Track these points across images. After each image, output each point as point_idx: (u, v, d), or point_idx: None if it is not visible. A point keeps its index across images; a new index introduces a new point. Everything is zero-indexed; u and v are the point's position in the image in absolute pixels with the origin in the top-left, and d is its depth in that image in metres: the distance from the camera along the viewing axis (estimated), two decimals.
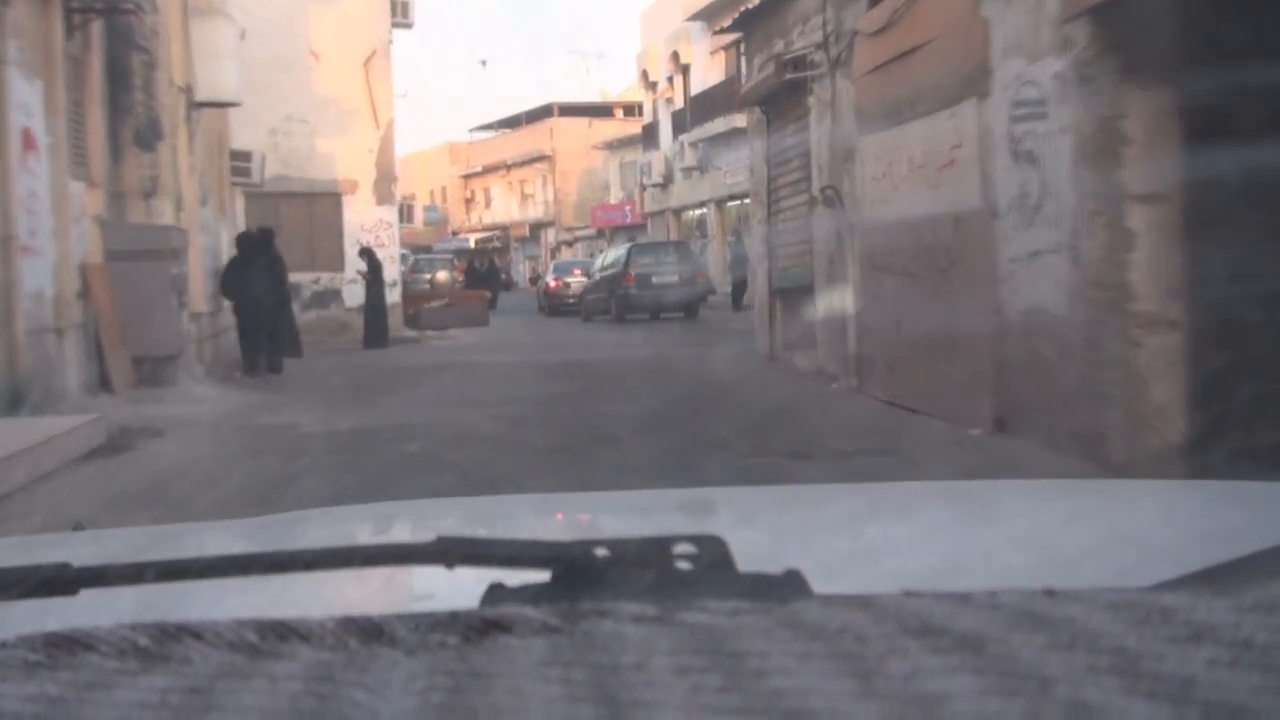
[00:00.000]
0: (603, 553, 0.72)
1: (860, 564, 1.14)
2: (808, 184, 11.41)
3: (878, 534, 1.38)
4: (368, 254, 18.41)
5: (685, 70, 35.08)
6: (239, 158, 17.57)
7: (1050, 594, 0.57)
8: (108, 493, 6.48)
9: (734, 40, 27.75)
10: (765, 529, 1.44)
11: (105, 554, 1.18)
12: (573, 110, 51.27)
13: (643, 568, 0.71)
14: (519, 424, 8.72)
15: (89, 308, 10.16)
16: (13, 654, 0.53)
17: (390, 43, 21.81)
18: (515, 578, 0.73)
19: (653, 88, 38.08)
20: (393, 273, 20.83)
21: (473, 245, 53.15)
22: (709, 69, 32.93)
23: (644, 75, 38.93)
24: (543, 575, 0.72)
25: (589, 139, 48.31)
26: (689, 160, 34.56)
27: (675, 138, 35.59)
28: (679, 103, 35.56)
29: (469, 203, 60.46)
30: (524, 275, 53.63)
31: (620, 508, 1.78)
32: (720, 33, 18.55)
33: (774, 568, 0.73)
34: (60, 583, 0.73)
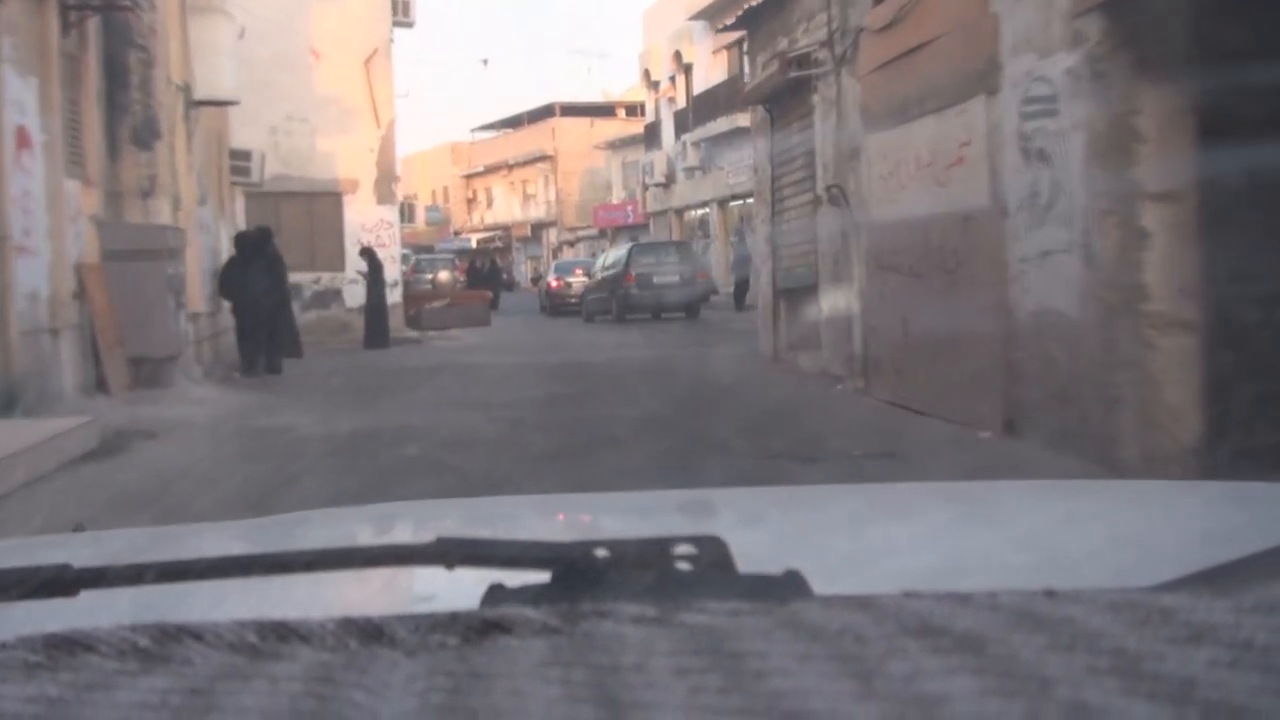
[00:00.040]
0: (603, 553, 0.72)
1: (860, 564, 1.15)
2: (812, 183, 11.31)
3: (878, 534, 1.38)
4: (368, 254, 18.35)
5: (688, 69, 34.99)
6: (238, 157, 17.45)
7: (1050, 595, 0.58)
8: (101, 496, 6.39)
9: (737, 39, 27.71)
10: (765, 530, 1.45)
11: (105, 555, 1.20)
12: (575, 110, 51.23)
13: (643, 568, 0.71)
14: (519, 426, 8.63)
15: (85, 308, 10.04)
16: (13, 655, 0.53)
17: (391, 41, 21.71)
18: (515, 578, 0.73)
19: (655, 87, 37.99)
20: (394, 273, 20.74)
21: (474, 245, 53.12)
22: (711, 68, 32.86)
23: (646, 74, 38.85)
24: (543, 576, 0.72)
25: (591, 139, 48.27)
26: (691, 160, 34.47)
27: (678, 137, 35.51)
28: (681, 102, 35.49)
29: (471, 203, 60.44)
30: (526, 275, 53.56)
31: (620, 508, 1.77)
32: (723, 30, 18.44)
33: (774, 568, 0.73)
34: (60, 584, 0.73)
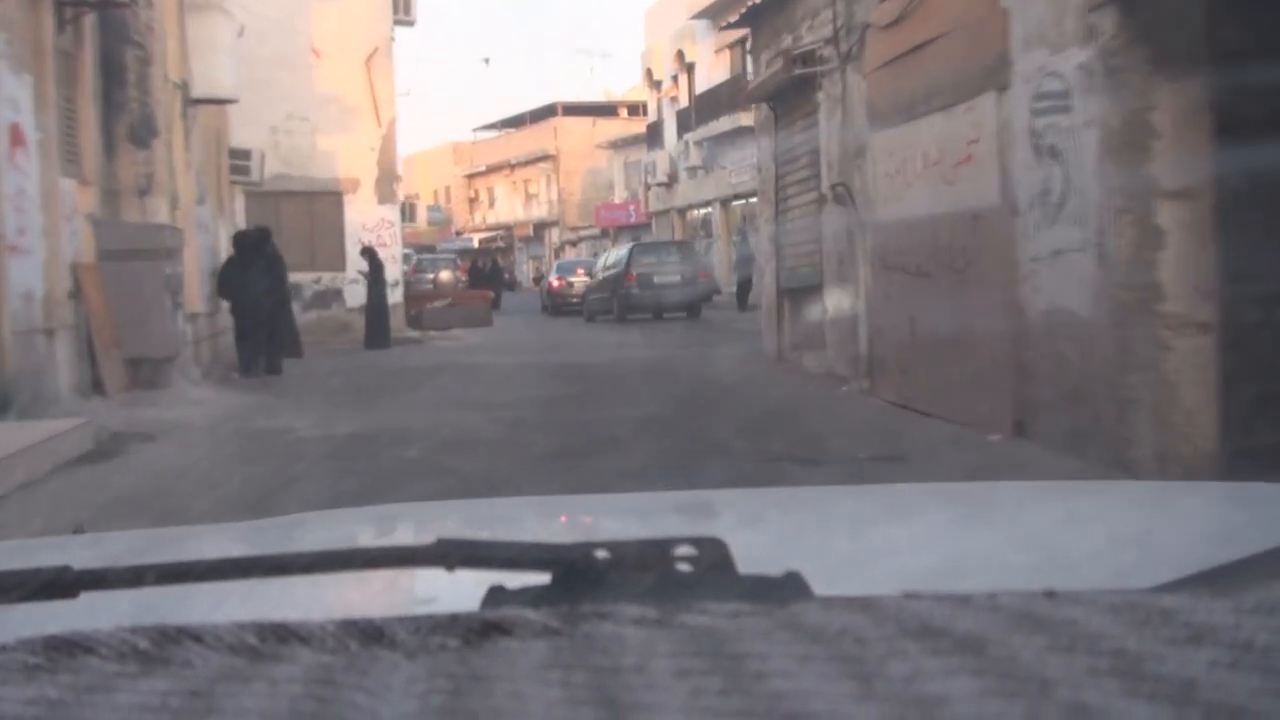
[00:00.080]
0: (603, 555, 0.71)
1: (860, 566, 1.14)
2: (817, 182, 11.18)
3: (878, 535, 1.38)
4: (369, 253, 18.26)
5: (690, 69, 34.86)
6: (238, 156, 17.33)
7: (1050, 596, 0.58)
8: (95, 499, 6.28)
9: (739, 38, 27.60)
10: (765, 531, 1.44)
11: (105, 557, 1.19)
12: (577, 110, 51.14)
13: (643, 570, 0.70)
14: (520, 428, 8.50)
15: (81, 308, 9.92)
16: (13, 657, 0.53)
17: (392, 40, 21.60)
18: (515, 580, 0.73)
19: (657, 86, 37.86)
20: (394, 272, 20.62)
21: (476, 245, 53.00)
22: (714, 67, 32.73)
23: (648, 74, 38.72)
24: (543, 577, 0.72)
25: (593, 138, 48.17)
26: (694, 159, 34.35)
27: (680, 137, 35.39)
28: (684, 101, 35.35)
29: (473, 202, 60.35)
30: (528, 275, 53.46)
31: (620, 510, 1.77)
32: (727, 28, 18.31)
33: (774, 570, 0.73)
34: (60, 586, 0.72)
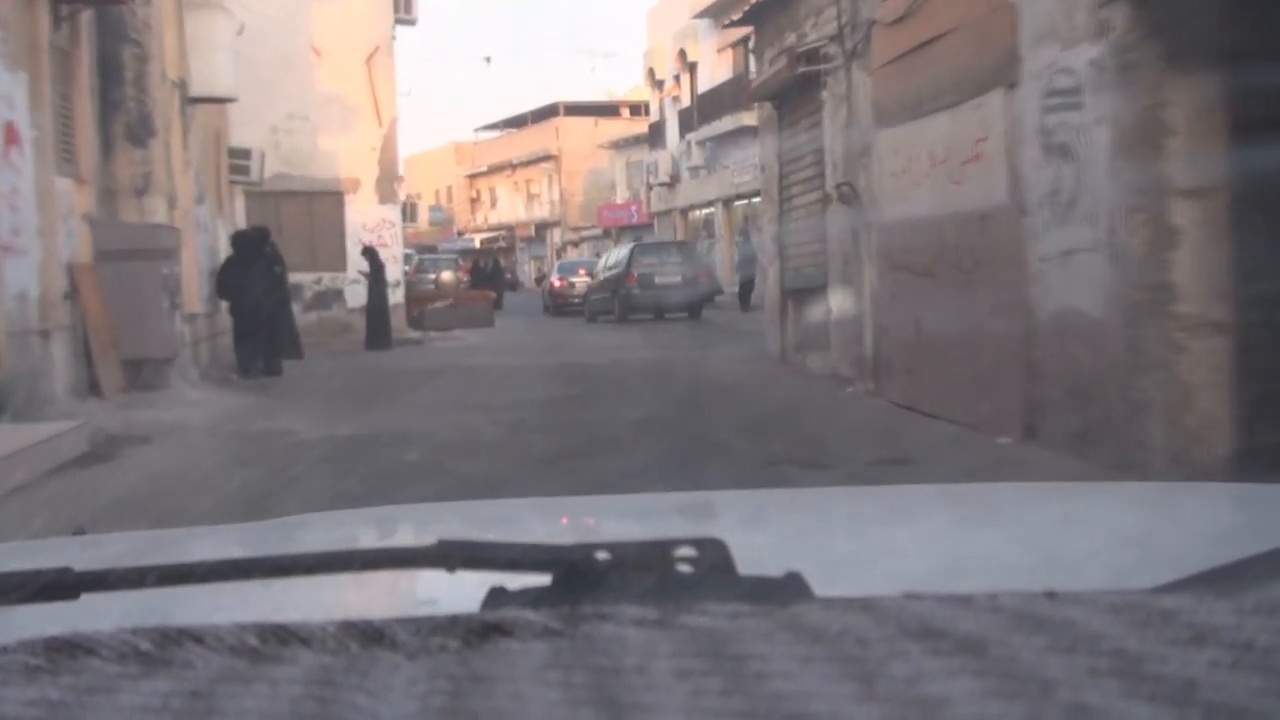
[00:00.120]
0: (603, 556, 0.71)
1: (861, 566, 1.14)
2: (821, 181, 11.07)
3: (878, 536, 1.38)
4: (370, 253, 18.15)
5: (692, 68, 34.75)
6: (238, 155, 17.22)
7: (1051, 596, 0.57)
8: (88, 503, 6.17)
9: (742, 37, 27.48)
10: (766, 532, 1.44)
11: (106, 558, 1.19)
12: (579, 109, 51.03)
13: (643, 571, 0.70)
14: (520, 430, 8.39)
15: (77, 309, 9.81)
16: (14, 658, 0.53)
17: (393, 39, 21.48)
18: (516, 581, 0.72)
19: (659, 86, 37.74)
20: (395, 273, 20.50)
21: (478, 245, 52.92)
22: (716, 67, 32.62)
23: (650, 73, 38.60)
24: (543, 579, 0.71)
25: (595, 138, 48.07)
26: (696, 159, 34.23)
27: (682, 136, 35.27)
28: (686, 101, 35.23)
29: (474, 202, 60.26)
30: (529, 275, 53.35)
31: (620, 511, 1.76)
32: (730, 26, 18.18)
33: (775, 570, 0.72)
34: (61, 587, 0.72)
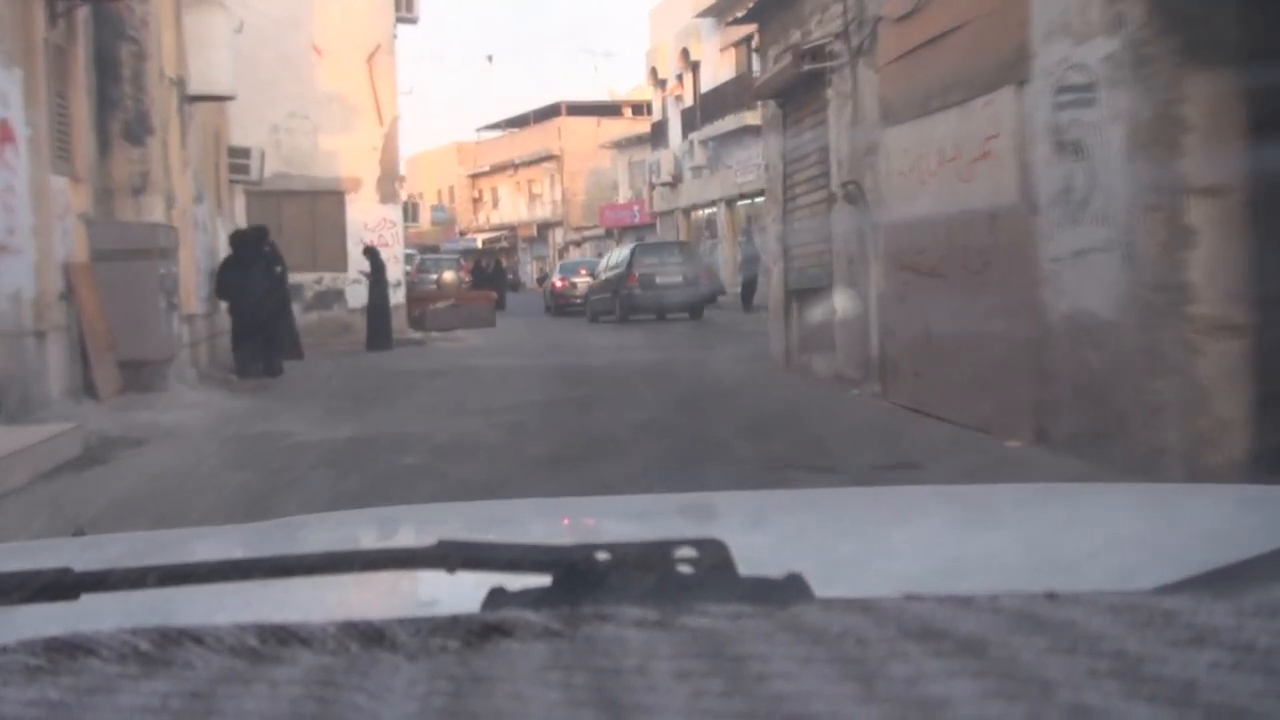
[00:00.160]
0: (603, 556, 0.70)
1: (861, 567, 1.14)
2: (826, 180, 10.94)
3: (879, 537, 1.37)
4: (371, 253, 18.03)
5: (695, 67, 34.61)
6: (237, 154, 17.08)
7: (1052, 597, 0.57)
8: (78, 509, 6.03)
9: (745, 36, 27.34)
10: (766, 532, 1.44)
11: (106, 559, 1.19)
12: (581, 109, 50.91)
13: (644, 571, 0.70)
14: (521, 433, 8.26)
15: (73, 310, 9.68)
16: (14, 659, 0.53)
17: (394, 38, 21.35)
18: (516, 582, 0.72)
19: (662, 85, 37.61)
20: (396, 273, 20.37)
21: (480, 245, 52.82)
22: (719, 66, 32.48)
23: (653, 73, 38.46)
24: (543, 579, 0.71)
25: (597, 138, 47.94)
26: (699, 159, 34.09)
27: (685, 136, 35.12)
28: (689, 100, 35.10)
29: (476, 202, 60.16)
30: (531, 275, 53.23)
31: (621, 511, 1.76)
32: (734, 23, 18.08)
33: (775, 571, 0.72)
34: (61, 587, 0.72)
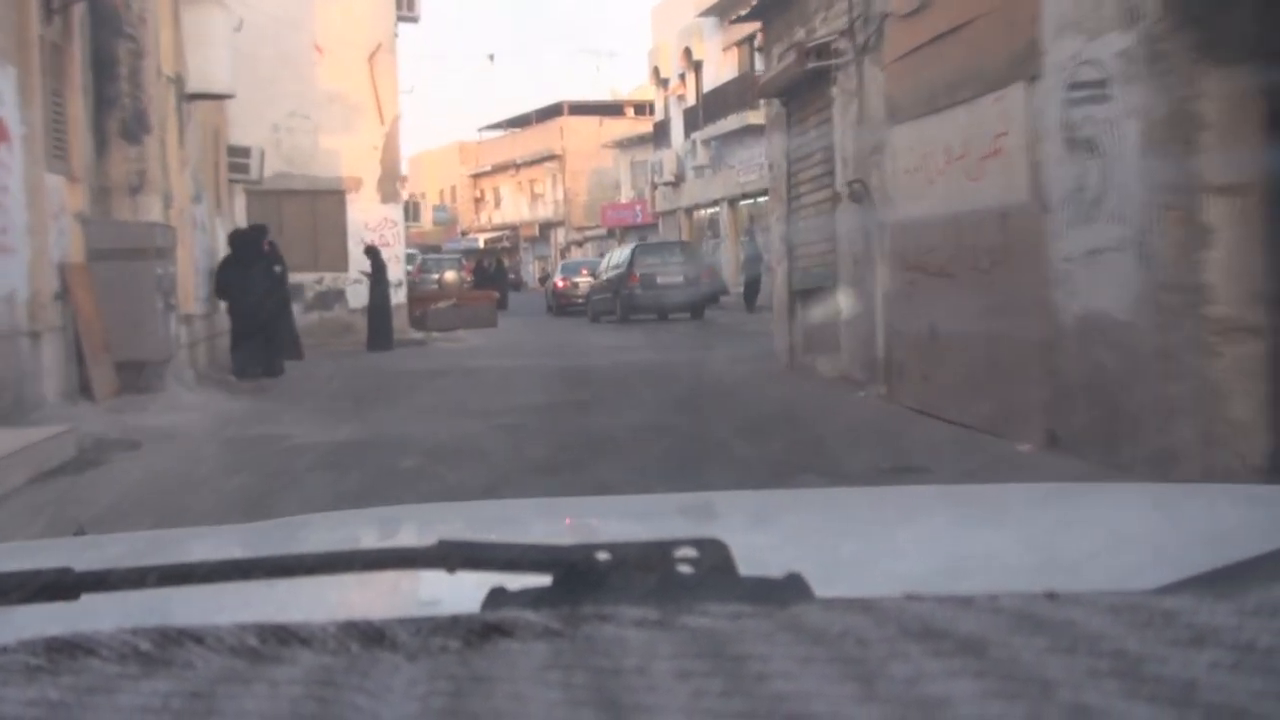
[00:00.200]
0: (604, 556, 0.70)
1: (862, 567, 1.14)
2: (831, 179, 10.81)
3: (879, 537, 1.37)
4: (372, 253, 17.92)
5: (697, 67, 34.47)
6: (237, 154, 16.95)
7: (1052, 597, 0.57)
8: (69, 513, 5.90)
9: (747, 35, 27.22)
10: (766, 532, 1.43)
11: (106, 558, 1.19)
12: (583, 109, 50.80)
13: (644, 571, 0.69)
14: (522, 436, 8.14)
15: (69, 310, 9.56)
16: (14, 658, 0.53)
17: (395, 37, 21.23)
18: (516, 582, 0.71)
19: (664, 85, 37.47)
20: (397, 273, 20.25)
21: (482, 245, 52.69)
22: (722, 65, 32.35)
23: (655, 72, 38.33)
24: (544, 579, 0.71)
25: (599, 138, 47.82)
26: (701, 158, 33.97)
27: (687, 136, 34.99)
28: (691, 100, 34.96)
29: (478, 202, 60.05)
30: (533, 275, 53.11)
31: (621, 511, 1.75)
32: (737, 21, 17.95)
33: (775, 571, 0.72)
34: (61, 587, 0.71)
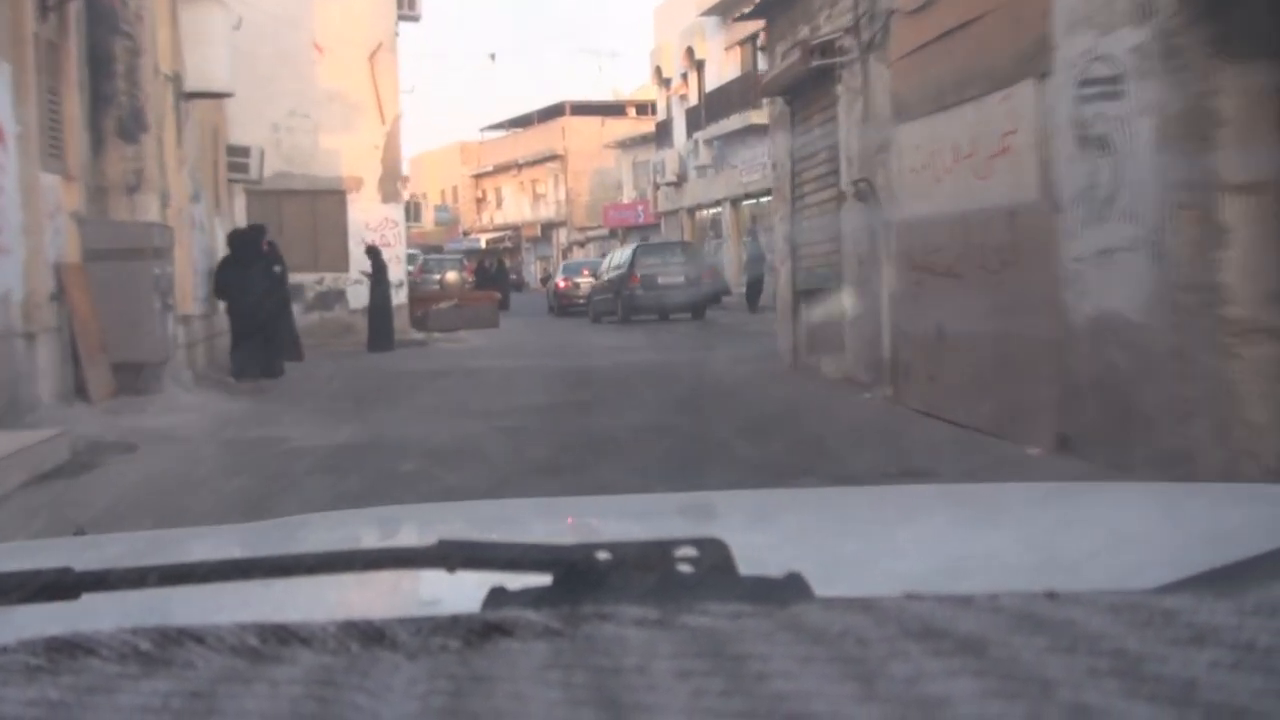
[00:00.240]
0: (604, 556, 0.70)
1: (862, 566, 1.13)
2: (835, 178, 10.69)
3: (879, 536, 1.37)
4: (373, 253, 17.81)
5: (700, 66, 34.36)
6: (236, 153, 16.84)
7: (1052, 596, 0.57)
8: (62, 517, 5.79)
9: (750, 34, 27.09)
10: (766, 532, 1.43)
11: (106, 558, 1.19)
12: (585, 109, 50.70)
13: (644, 571, 0.69)
14: (523, 437, 8.03)
15: (65, 311, 9.44)
16: (14, 658, 0.53)
17: (396, 36, 21.13)
18: (516, 581, 0.71)
19: (666, 84, 37.36)
20: (398, 273, 20.14)
21: (484, 245, 52.61)
22: (724, 65, 32.23)
23: (657, 72, 38.22)
24: (544, 579, 0.70)
25: (601, 138, 47.72)
26: (703, 158, 33.85)
27: (689, 135, 34.88)
28: (693, 100, 34.84)
29: (480, 202, 59.95)
30: (535, 276, 53.00)
31: (621, 511, 1.74)
32: (741, 19, 17.83)
33: (775, 570, 0.71)
34: (62, 587, 0.71)
